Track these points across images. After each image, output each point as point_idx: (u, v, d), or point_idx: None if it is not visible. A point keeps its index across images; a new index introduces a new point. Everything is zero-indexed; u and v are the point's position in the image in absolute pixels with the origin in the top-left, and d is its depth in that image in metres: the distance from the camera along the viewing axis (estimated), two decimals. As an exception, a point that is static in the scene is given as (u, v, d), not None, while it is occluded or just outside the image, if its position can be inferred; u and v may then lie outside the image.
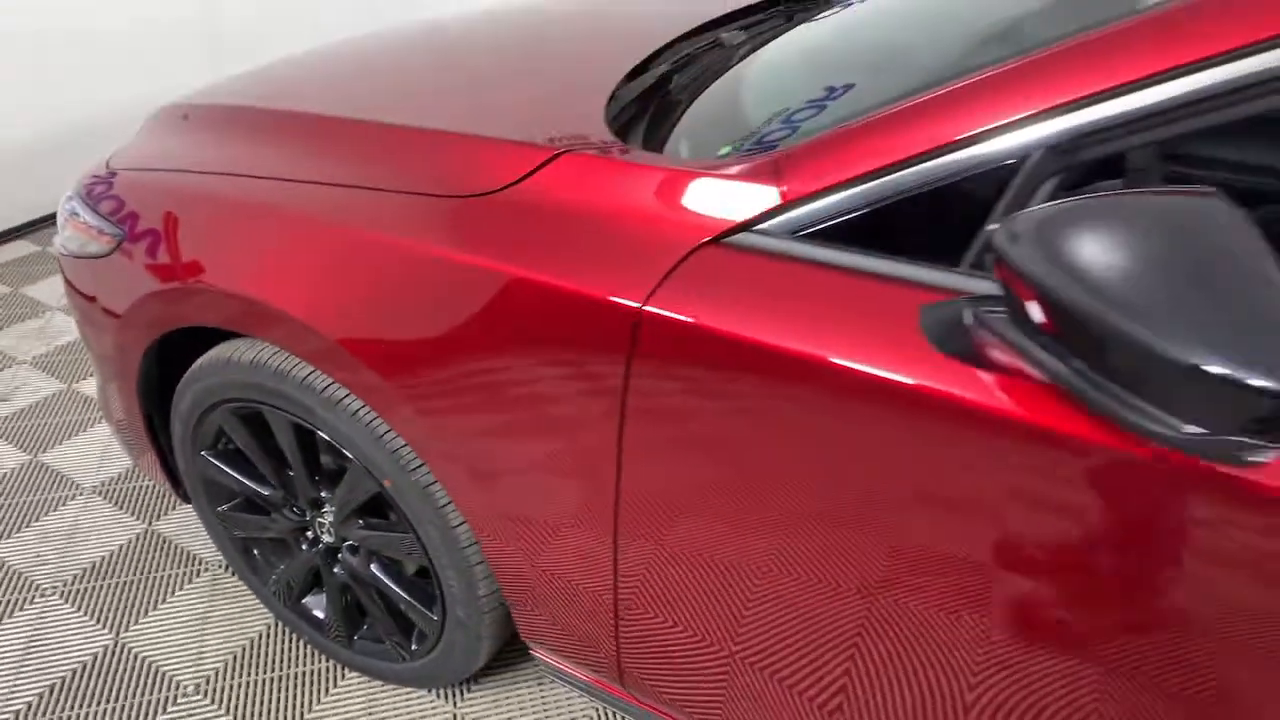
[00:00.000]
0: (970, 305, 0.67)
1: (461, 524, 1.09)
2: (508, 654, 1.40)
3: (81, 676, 1.40)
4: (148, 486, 1.80)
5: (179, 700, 1.37)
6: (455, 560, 1.13)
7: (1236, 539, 0.62)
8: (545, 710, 1.37)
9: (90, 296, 1.31)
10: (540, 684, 1.41)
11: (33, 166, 2.91)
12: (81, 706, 1.36)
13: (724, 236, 0.80)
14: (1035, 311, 0.61)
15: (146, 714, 1.35)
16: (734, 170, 0.83)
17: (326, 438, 1.14)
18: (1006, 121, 0.69)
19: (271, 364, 1.12)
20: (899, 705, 0.86)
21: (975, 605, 0.76)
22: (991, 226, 0.69)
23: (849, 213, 0.76)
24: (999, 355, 0.65)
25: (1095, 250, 0.55)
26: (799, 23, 1.34)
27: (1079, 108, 0.66)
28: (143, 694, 1.38)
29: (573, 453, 0.91)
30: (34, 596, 1.55)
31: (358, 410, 1.07)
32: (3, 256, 2.83)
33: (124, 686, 1.39)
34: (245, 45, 3.24)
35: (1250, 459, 0.56)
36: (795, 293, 0.76)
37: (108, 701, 1.37)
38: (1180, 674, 0.68)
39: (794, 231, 0.78)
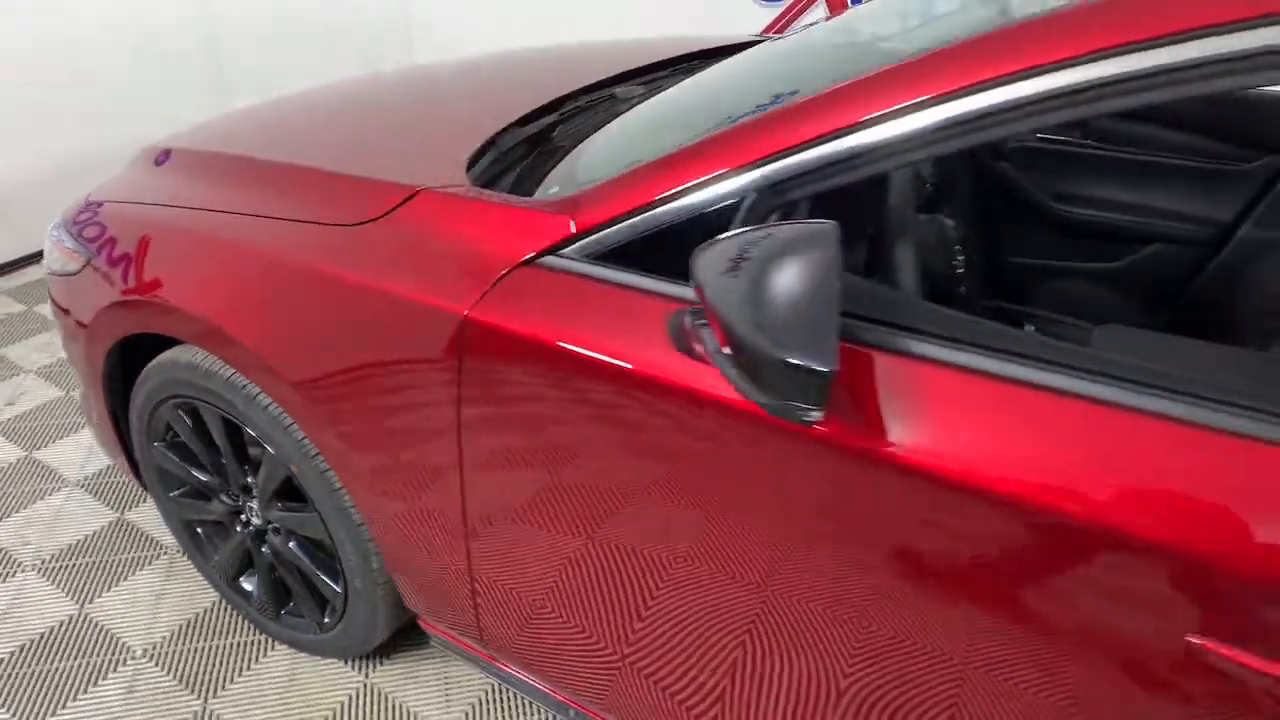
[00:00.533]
0: (687, 313, 0.85)
1: (354, 504, 1.28)
2: (416, 634, 1.57)
3: (48, 639, 1.60)
4: (124, 481, 2.01)
5: (128, 662, 1.56)
6: (351, 536, 1.31)
7: (804, 470, 0.80)
8: (448, 683, 1.54)
9: (66, 309, 1.53)
10: (445, 660, 1.58)
11: (54, 196, 3.19)
12: (46, 663, 1.55)
13: (534, 258, 0.99)
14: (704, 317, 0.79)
15: (101, 672, 1.54)
16: (545, 205, 1.02)
17: (249, 430, 1.34)
18: (725, 171, 0.87)
19: (204, 366, 1.32)
20: (706, 656, 1.02)
21: (722, 553, 0.92)
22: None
23: (624, 240, 0.95)
24: (699, 350, 0.82)
25: (727, 268, 0.73)
26: (654, 91, 1.53)
27: (771, 162, 0.84)
28: (98, 655, 1.57)
29: (423, 436, 1.09)
30: (15, 571, 1.75)
31: (268, 405, 1.26)
32: (24, 279, 3.11)
33: (83, 648, 1.58)
34: (247, 79, 3.53)
35: (806, 418, 0.72)
36: (581, 303, 0.94)
37: (69, 659, 1.56)
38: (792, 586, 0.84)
39: (586, 255, 0.97)
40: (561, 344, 0.93)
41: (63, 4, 2.99)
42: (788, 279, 0.69)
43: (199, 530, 1.61)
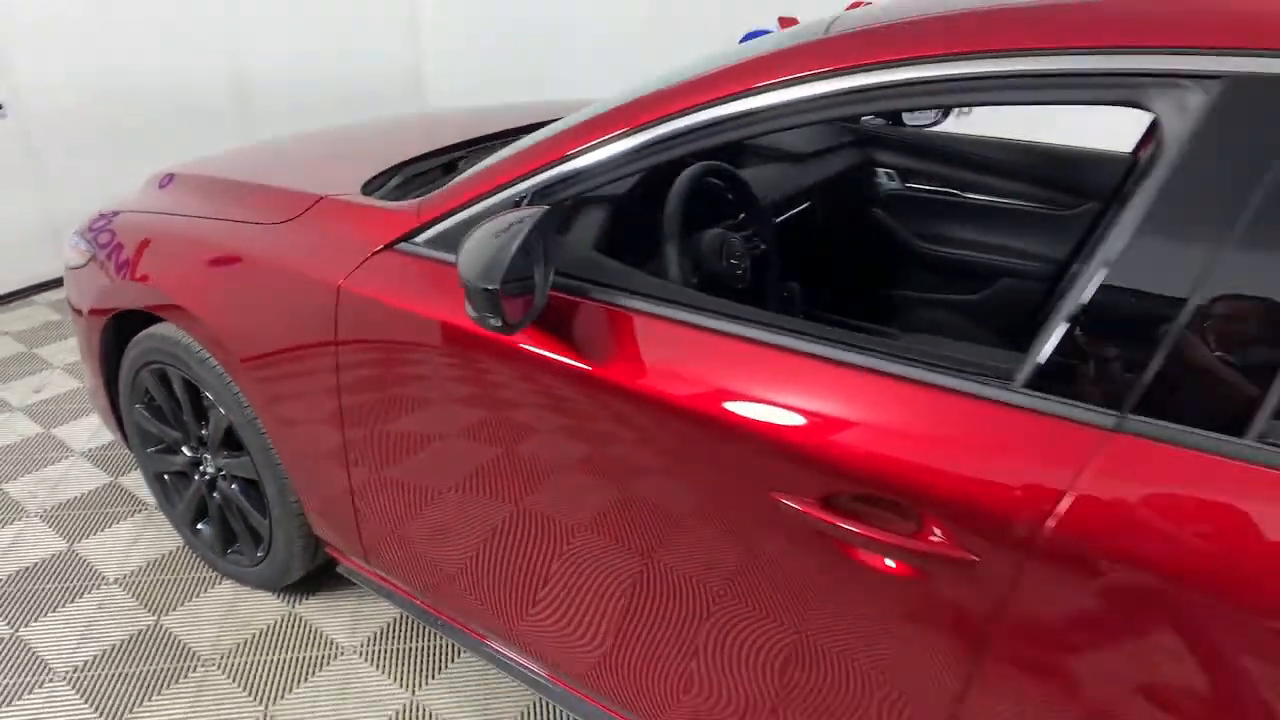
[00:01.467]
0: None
1: (273, 445, 1.61)
2: (337, 577, 1.87)
3: (41, 567, 1.95)
4: (120, 455, 2.37)
5: (102, 588, 1.90)
6: (273, 474, 1.64)
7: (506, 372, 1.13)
8: (361, 606, 1.84)
9: (75, 297, 1.92)
10: (359, 595, 1.88)
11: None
12: (36, 584, 1.89)
13: (392, 244, 1.34)
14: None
15: (79, 593, 1.87)
16: (401, 206, 1.37)
17: (204, 392, 1.70)
18: (509, 180, 1.22)
19: (172, 336, 1.68)
20: (516, 551, 1.33)
21: (514, 467, 1.24)
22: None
23: (451, 229, 1.29)
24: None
25: (472, 239, 1.06)
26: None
27: (536, 174, 1.18)
28: (79, 580, 1.91)
29: (314, 381, 1.43)
30: (22, 517, 2.12)
31: (215, 366, 1.62)
32: (65, 294, 3.58)
33: (67, 575, 1.93)
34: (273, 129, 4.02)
35: (489, 324, 1.05)
36: (420, 276, 1.29)
37: (55, 581, 1.90)
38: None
39: (426, 241, 1.31)
40: (403, 306, 1.27)
41: (126, 63, 3.52)
42: (493, 242, 1.03)
43: (167, 479, 1.96)
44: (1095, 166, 2.13)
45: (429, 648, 1.76)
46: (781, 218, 1.97)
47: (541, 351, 1.14)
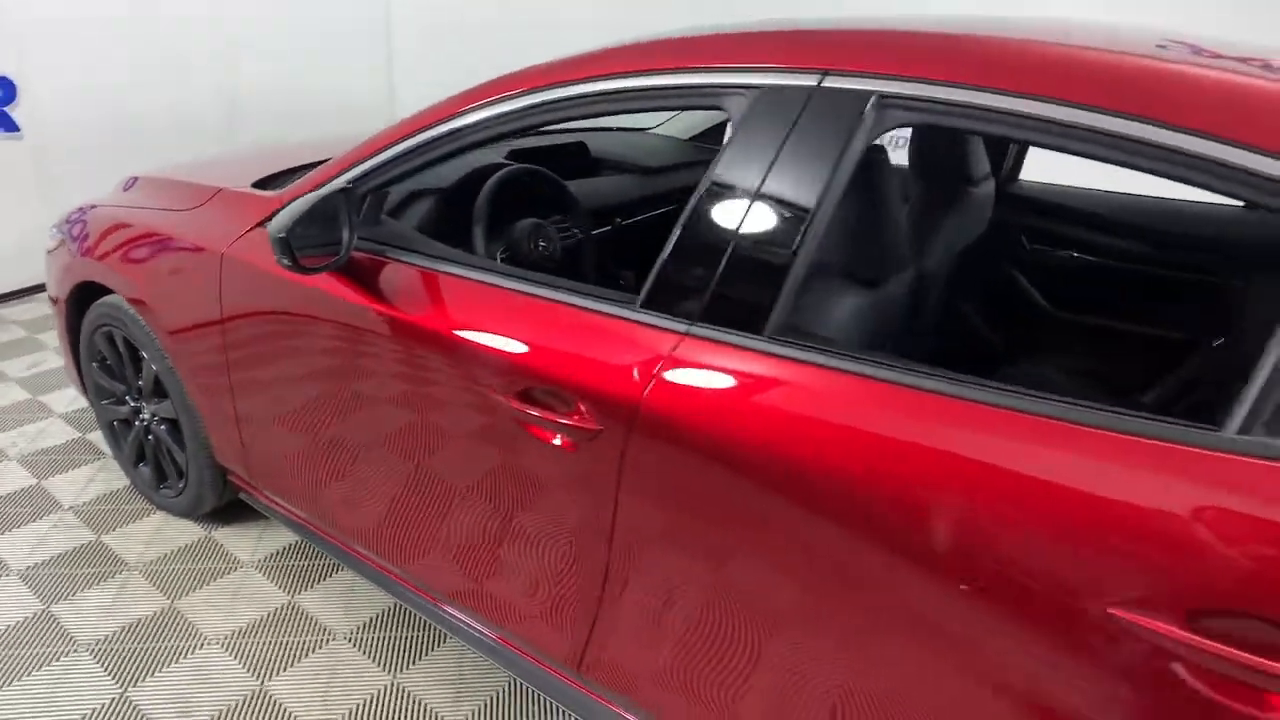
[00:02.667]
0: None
1: (186, 388, 1.99)
2: (250, 509, 2.24)
3: (13, 498, 2.34)
4: (91, 418, 2.77)
5: (57, 513, 2.29)
6: (189, 415, 2.03)
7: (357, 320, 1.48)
8: (265, 532, 2.20)
9: (52, 291, 2.35)
10: (271, 525, 2.25)
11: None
12: (6, 508, 2.29)
13: (260, 223, 1.72)
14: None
15: (37, 518, 2.26)
16: (270, 195, 1.77)
17: (142, 351, 2.09)
18: (337, 173, 1.59)
19: (120, 305, 2.08)
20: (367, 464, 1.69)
21: (354, 390, 1.60)
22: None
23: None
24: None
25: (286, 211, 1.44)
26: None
27: (353, 168, 1.56)
28: (41, 508, 2.31)
29: (207, 327, 1.82)
30: (2, 460, 2.52)
31: (143, 324, 2.01)
32: (72, 293, 4.04)
33: (32, 503, 2.32)
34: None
35: (283, 264, 1.42)
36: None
37: (19, 507, 2.29)
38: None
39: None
40: (264, 268, 1.65)
41: (128, 88, 4.01)
42: (292, 210, 1.41)
43: (115, 427, 2.36)
44: None
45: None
46: (630, 220, 2.34)
47: (343, 293, 1.52)
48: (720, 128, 2.75)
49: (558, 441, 1.29)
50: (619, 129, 2.90)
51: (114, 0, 3.85)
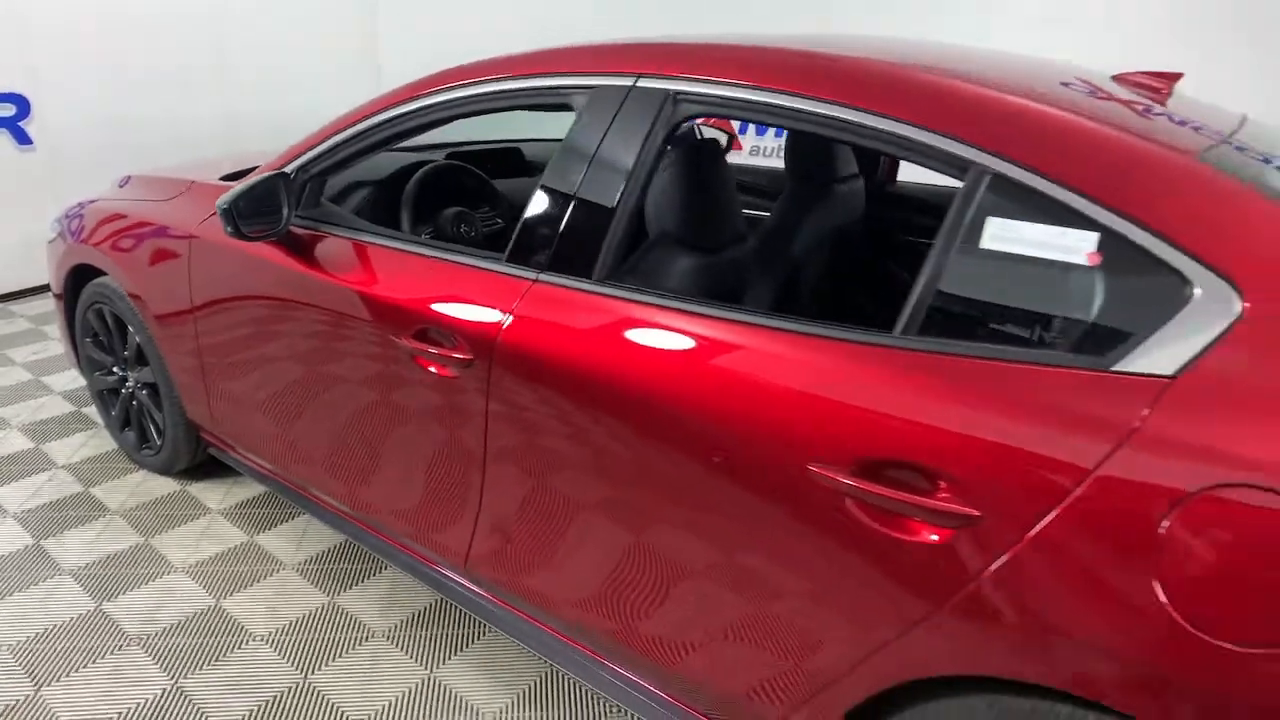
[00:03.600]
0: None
1: (163, 353, 2.31)
2: (220, 466, 2.54)
3: (13, 459, 2.65)
4: (87, 397, 3.10)
5: (48, 469, 2.60)
6: (165, 379, 2.34)
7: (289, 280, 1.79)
8: (233, 487, 2.51)
9: (54, 286, 2.68)
10: (239, 479, 2.55)
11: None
12: (8, 468, 2.60)
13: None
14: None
15: (35, 471, 2.57)
16: (232, 184, 2.09)
17: (127, 323, 2.41)
18: (284, 163, 1.92)
19: (109, 284, 2.41)
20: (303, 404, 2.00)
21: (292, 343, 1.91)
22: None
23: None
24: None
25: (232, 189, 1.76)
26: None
27: (298, 157, 1.88)
28: (37, 466, 2.62)
29: (178, 295, 2.14)
30: (9, 431, 2.84)
31: (126, 299, 2.34)
32: (77, 293, 4.39)
33: (30, 464, 2.64)
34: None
35: (228, 230, 1.77)
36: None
37: (18, 468, 2.60)
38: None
39: (245, 205, 2.02)
40: (225, 243, 1.97)
41: (132, 104, 4.39)
42: (239, 188, 1.73)
43: (105, 396, 2.68)
44: None
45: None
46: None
47: (285, 261, 1.84)
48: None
49: (444, 371, 1.59)
50: (555, 139, 3.24)
51: (119, 27, 4.25)
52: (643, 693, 1.55)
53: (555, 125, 1.87)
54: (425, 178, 2.12)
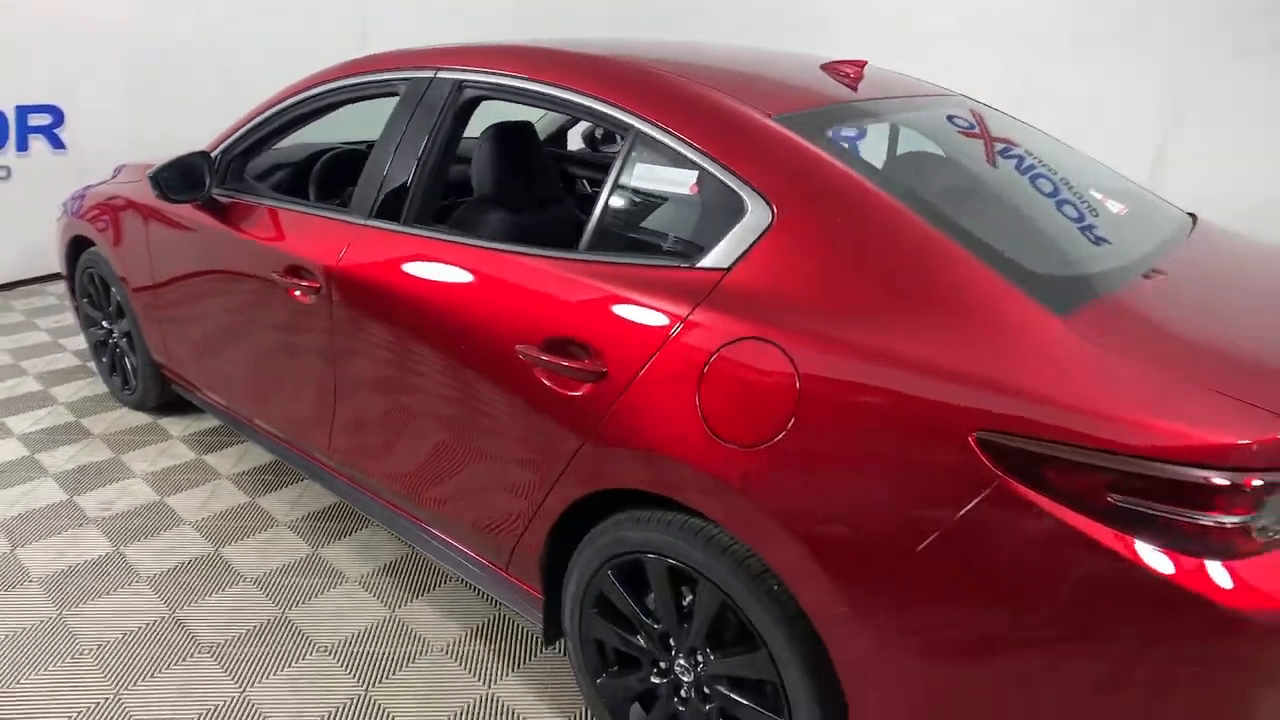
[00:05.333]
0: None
1: (137, 308, 2.85)
2: (183, 406, 3.06)
3: (18, 400, 3.23)
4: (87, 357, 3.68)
5: (52, 405, 3.16)
6: (136, 325, 2.88)
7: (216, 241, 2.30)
8: (192, 421, 3.03)
9: (58, 240, 3.26)
10: (197, 413, 3.07)
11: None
12: (8, 413, 3.17)
13: (174, 184, 2.58)
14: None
15: (39, 406, 3.14)
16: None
17: (110, 283, 2.97)
18: (216, 144, 2.43)
19: (96, 251, 2.97)
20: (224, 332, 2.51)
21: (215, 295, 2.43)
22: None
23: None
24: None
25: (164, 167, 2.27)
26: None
27: (225, 140, 2.40)
28: (38, 404, 3.18)
29: (142, 256, 2.68)
30: (20, 379, 3.42)
31: (113, 269, 2.88)
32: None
33: (29, 401, 3.20)
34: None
35: (153, 193, 2.29)
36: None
37: (25, 408, 3.18)
38: None
39: (188, 181, 2.55)
40: (168, 211, 2.49)
41: (150, 116, 5.03)
42: (167, 163, 2.24)
43: (97, 348, 3.24)
44: None
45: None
46: None
47: (210, 222, 2.36)
48: (563, 130, 3.52)
49: (302, 297, 2.06)
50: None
51: (142, 50, 4.89)
52: (454, 551, 1.99)
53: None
54: (329, 160, 2.62)
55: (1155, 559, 1.06)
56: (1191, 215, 1.93)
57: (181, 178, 2.29)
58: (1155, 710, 1.12)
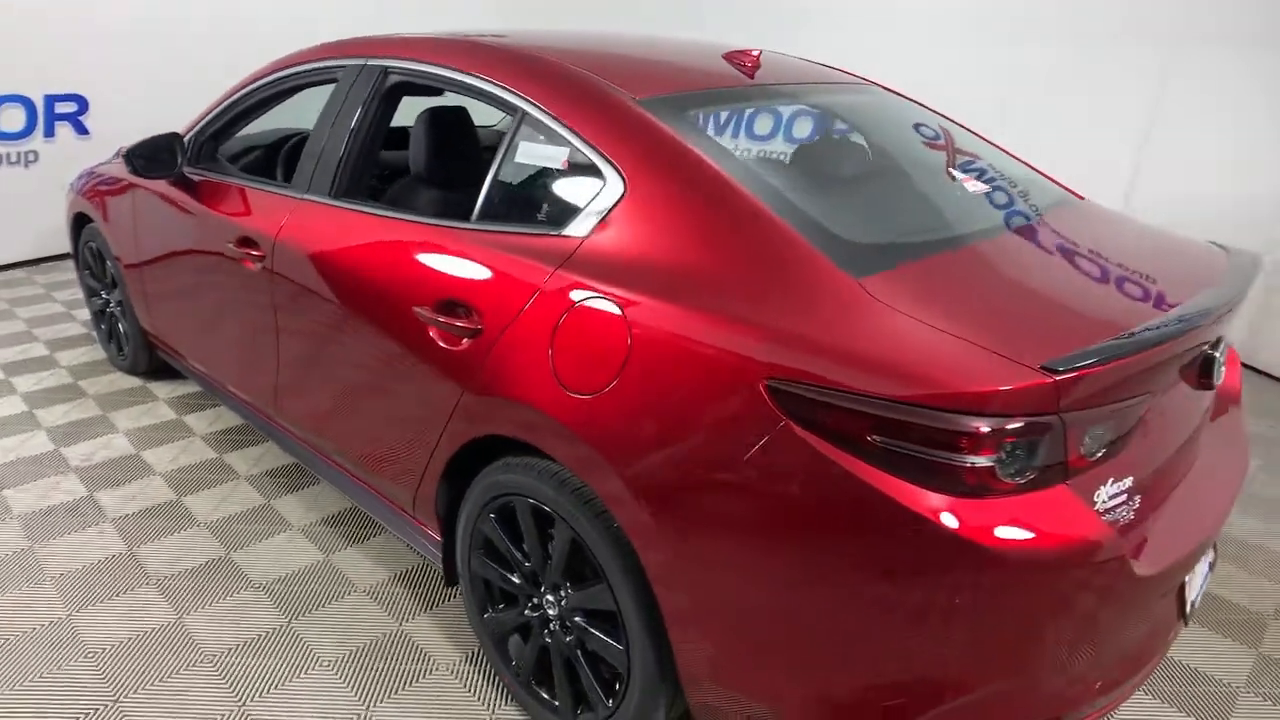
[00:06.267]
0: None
1: (127, 280, 3.09)
2: (167, 373, 3.30)
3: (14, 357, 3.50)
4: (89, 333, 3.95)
5: (54, 369, 3.42)
6: (125, 295, 3.11)
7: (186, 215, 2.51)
8: (178, 386, 3.26)
9: (66, 217, 3.53)
10: (183, 378, 3.31)
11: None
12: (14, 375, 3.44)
13: (157, 163, 2.80)
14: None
15: (41, 370, 3.40)
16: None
17: (105, 255, 3.21)
18: (189, 129, 2.64)
19: (95, 226, 3.22)
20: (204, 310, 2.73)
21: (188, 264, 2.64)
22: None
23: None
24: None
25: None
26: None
27: (196, 125, 2.60)
28: (43, 368, 3.45)
29: (127, 228, 2.91)
30: (30, 341, 3.70)
31: (107, 243, 3.13)
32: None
33: (34, 365, 3.47)
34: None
35: (139, 175, 2.53)
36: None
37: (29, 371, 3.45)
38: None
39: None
40: (151, 188, 2.71)
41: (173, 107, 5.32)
42: (141, 142, 2.45)
43: (97, 316, 3.50)
44: None
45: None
46: None
47: (183, 199, 2.56)
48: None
49: (253, 266, 2.25)
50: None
51: (162, 43, 5.18)
52: (379, 500, 2.16)
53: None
54: (295, 143, 2.82)
55: (911, 496, 1.18)
56: (1079, 197, 2.01)
57: (153, 156, 2.51)
58: (910, 633, 1.24)
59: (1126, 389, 1.25)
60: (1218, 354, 1.46)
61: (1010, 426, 1.16)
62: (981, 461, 1.17)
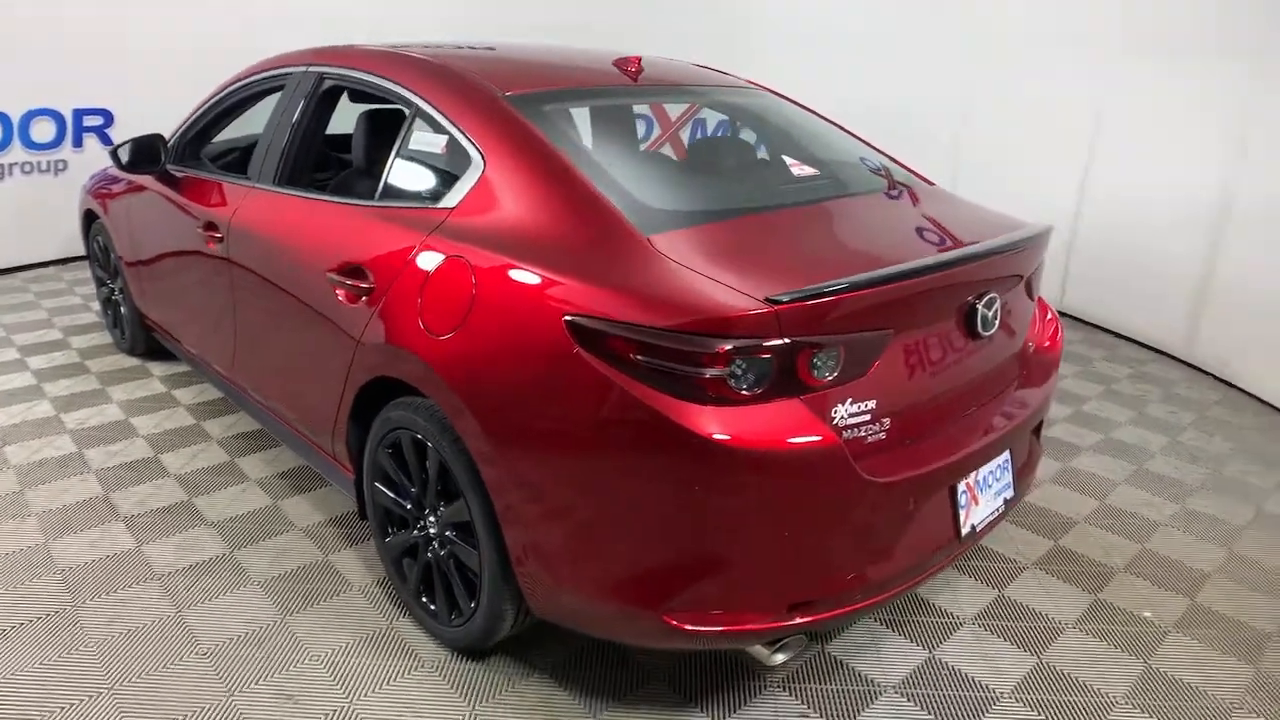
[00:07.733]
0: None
1: (125, 265, 3.47)
2: (157, 356, 3.67)
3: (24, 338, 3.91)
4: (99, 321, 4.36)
5: (65, 350, 3.82)
6: (124, 280, 3.49)
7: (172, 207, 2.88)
8: (170, 365, 3.62)
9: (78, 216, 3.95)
10: (175, 359, 3.67)
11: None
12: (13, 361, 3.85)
13: (148, 163, 3.18)
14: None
15: (53, 350, 3.80)
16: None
17: (109, 246, 3.60)
18: (176, 132, 3.01)
19: (103, 225, 3.62)
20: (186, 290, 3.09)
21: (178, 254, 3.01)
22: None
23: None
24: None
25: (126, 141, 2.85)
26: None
27: (180, 127, 2.97)
28: (55, 348, 3.85)
29: (125, 218, 3.29)
30: (48, 325, 4.12)
31: (107, 229, 3.52)
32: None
33: (47, 345, 3.87)
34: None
35: (125, 170, 2.92)
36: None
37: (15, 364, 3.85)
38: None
39: (157, 160, 3.14)
40: (145, 185, 3.09)
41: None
42: (129, 142, 2.82)
43: (105, 304, 3.89)
44: None
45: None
46: None
47: (168, 192, 2.92)
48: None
49: (213, 246, 2.59)
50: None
51: (181, 60, 5.64)
52: (312, 447, 2.46)
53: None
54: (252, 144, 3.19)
55: (669, 405, 1.45)
56: (929, 183, 2.26)
57: (136, 153, 2.88)
58: (669, 518, 1.51)
59: (855, 323, 1.50)
60: (981, 306, 1.70)
61: (738, 345, 1.41)
62: (719, 373, 1.43)
